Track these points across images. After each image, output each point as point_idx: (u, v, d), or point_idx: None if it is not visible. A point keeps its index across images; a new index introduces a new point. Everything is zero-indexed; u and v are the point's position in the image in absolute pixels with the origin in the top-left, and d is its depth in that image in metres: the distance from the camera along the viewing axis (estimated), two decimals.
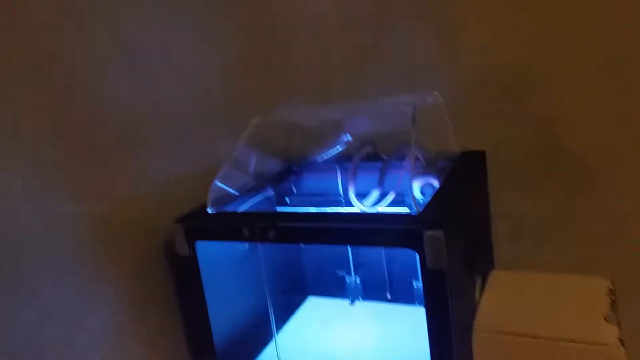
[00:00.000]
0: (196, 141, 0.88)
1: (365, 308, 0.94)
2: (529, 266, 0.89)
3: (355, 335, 0.86)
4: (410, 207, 0.66)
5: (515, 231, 0.94)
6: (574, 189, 0.90)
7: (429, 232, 0.57)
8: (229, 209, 0.79)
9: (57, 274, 0.64)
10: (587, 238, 0.91)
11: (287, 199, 0.97)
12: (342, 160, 0.94)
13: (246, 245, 0.86)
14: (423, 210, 0.62)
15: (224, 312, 0.78)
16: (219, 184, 0.80)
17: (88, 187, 0.69)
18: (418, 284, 0.92)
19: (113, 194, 0.72)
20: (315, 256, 1.02)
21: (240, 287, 0.85)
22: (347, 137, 1.02)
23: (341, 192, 0.94)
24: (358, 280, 0.97)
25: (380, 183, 0.79)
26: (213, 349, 0.76)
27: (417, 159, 0.77)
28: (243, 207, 0.83)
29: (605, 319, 0.65)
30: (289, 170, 0.98)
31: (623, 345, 0.59)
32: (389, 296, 0.95)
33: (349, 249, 0.96)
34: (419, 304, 0.91)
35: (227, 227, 0.72)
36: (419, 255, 0.58)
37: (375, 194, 0.77)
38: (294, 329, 0.91)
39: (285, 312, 0.94)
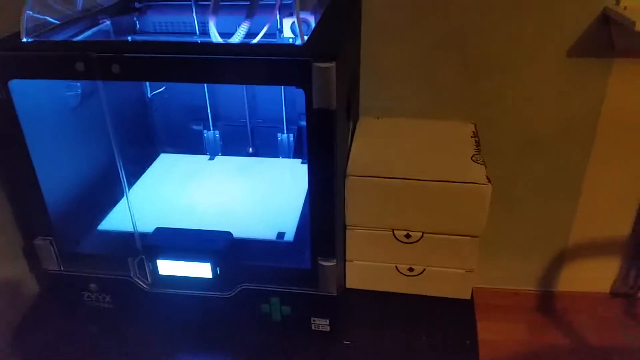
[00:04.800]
0: None
1: (226, 163, 0.87)
2: (391, 115, 0.89)
3: (217, 188, 0.79)
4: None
5: (380, 78, 0.93)
6: (440, 41, 0.90)
7: (319, 64, 0.49)
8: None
9: None
10: (449, 88, 0.93)
11: (128, 38, 0.80)
12: None
13: (78, 88, 0.70)
14: (308, 42, 0.54)
15: (55, 171, 0.65)
16: (32, 14, 0.61)
17: None
18: (282, 137, 0.87)
19: None
20: (165, 109, 0.89)
21: (72, 142, 0.70)
22: None
23: (198, 31, 0.80)
24: (217, 134, 0.88)
25: (248, 17, 0.68)
26: (45, 211, 0.63)
27: None
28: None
29: (472, 160, 0.67)
30: (129, 3, 0.80)
31: (490, 182, 0.63)
32: (251, 150, 0.89)
33: (207, 99, 0.85)
34: (283, 156, 0.87)
35: (54, 59, 0.55)
36: (305, 92, 0.51)
37: (244, 28, 0.66)
38: (145, 186, 0.81)
39: (134, 169, 0.82)
